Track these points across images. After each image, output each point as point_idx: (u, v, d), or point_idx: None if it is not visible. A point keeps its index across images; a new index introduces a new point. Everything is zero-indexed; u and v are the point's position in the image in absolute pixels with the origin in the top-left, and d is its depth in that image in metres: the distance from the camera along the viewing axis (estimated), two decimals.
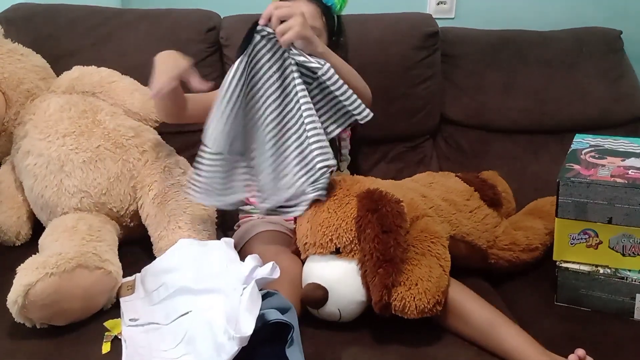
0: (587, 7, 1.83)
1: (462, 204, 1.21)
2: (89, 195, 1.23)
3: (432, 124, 1.63)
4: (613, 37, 1.70)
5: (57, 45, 1.50)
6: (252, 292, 0.82)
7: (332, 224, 1.02)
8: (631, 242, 1.11)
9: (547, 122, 1.63)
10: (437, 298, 0.96)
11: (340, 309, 1.01)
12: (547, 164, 1.57)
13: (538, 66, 1.64)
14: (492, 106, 1.62)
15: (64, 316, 0.99)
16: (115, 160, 1.25)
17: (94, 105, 1.31)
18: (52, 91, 1.35)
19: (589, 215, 1.12)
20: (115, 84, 1.36)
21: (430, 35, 1.59)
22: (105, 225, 1.21)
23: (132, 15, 1.57)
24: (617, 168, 1.15)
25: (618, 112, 1.64)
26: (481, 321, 1.00)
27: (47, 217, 1.27)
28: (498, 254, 1.23)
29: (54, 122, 1.27)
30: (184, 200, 1.19)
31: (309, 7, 1.22)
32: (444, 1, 1.83)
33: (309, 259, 1.07)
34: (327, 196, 1.06)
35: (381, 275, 0.95)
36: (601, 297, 1.14)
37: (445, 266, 1.01)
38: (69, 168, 1.23)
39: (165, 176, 1.24)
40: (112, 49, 1.51)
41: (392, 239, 0.96)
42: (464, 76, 1.64)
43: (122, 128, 1.29)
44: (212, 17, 1.59)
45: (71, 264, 0.98)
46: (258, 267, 0.88)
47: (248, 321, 0.78)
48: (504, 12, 1.83)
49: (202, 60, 1.54)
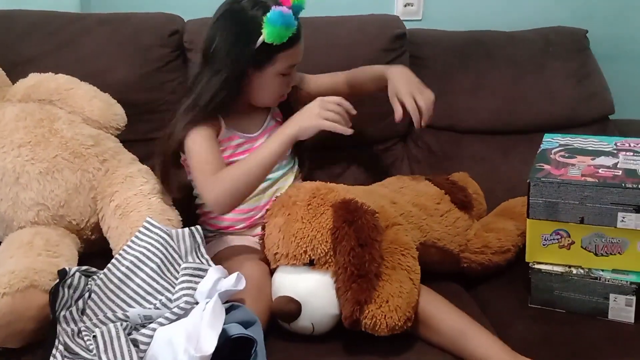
0: (552, 6, 1.84)
1: (432, 208, 1.19)
2: (46, 208, 1.18)
3: (402, 127, 1.61)
4: (579, 36, 1.71)
5: (13, 52, 1.44)
6: (214, 306, 0.79)
7: (306, 235, 0.99)
8: (603, 241, 1.10)
9: (517, 122, 1.62)
10: (407, 315, 0.95)
11: (313, 322, 0.99)
12: (518, 164, 1.56)
13: (506, 66, 1.63)
14: (461, 107, 1.61)
15: (18, 338, 0.95)
16: (74, 170, 1.20)
17: (50, 113, 1.26)
18: (7, 100, 1.30)
19: (560, 216, 1.11)
20: (74, 90, 1.31)
21: (398, 37, 1.58)
22: (64, 239, 1.16)
23: (92, 19, 1.52)
24: (588, 167, 1.15)
25: (586, 111, 1.65)
26: (452, 330, 0.99)
27: (2, 232, 1.21)
28: (470, 257, 1.22)
29: (9, 132, 1.21)
30: (147, 211, 1.14)
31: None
32: (411, 3, 1.82)
33: (280, 270, 1.03)
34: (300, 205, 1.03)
35: (354, 290, 0.93)
36: (575, 298, 1.13)
37: (415, 279, 1.00)
38: (24, 180, 1.18)
39: (127, 186, 1.20)
40: (71, 55, 1.46)
41: (367, 253, 0.94)
42: (432, 78, 1.62)
43: (80, 137, 1.24)
44: (175, 21, 1.55)
45: (24, 282, 0.93)
46: (222, 279, 0.84)
47: (210, 338, 0.75)
48: (471, 13, 1.83)
49: (166, 65, 1.50)
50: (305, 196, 1.04)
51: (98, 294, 0.98)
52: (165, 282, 0.98)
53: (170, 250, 1.02)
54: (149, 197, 1.17)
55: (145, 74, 1.47)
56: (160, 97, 1.48)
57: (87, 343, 0.89)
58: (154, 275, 0.98)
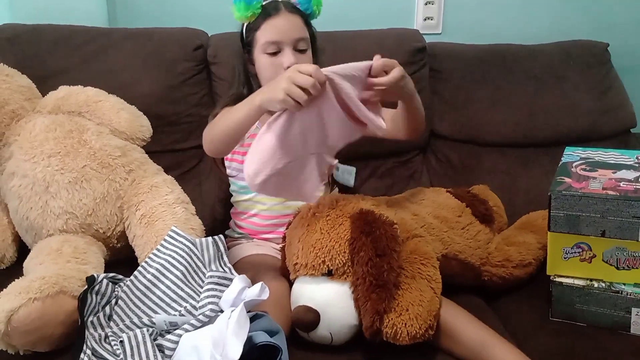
0: (573, 20, 1.84)
1: (453, 220, 1.20)
2: (74, 216, 1.21)
3: (421, 139, 1.62)
4: (600, 49, 1.71)
5: (43, 65, 1.48)
6: (240, 315, 0.80)
7: (324, 245, 1.00)
8: (625, 255, 1.10)
9: (537, 135, 1.62)
10: (428, 323, 0.94)
11: (332, 332, 0.99)
12: (538, 177, 1.56)
13: (526, 79, 1.64)
14: (481, 120, 1.62)
15: (48, 342, 0.97)
16: (102, 180, 1.23)
17: (80, 124, 1.30)
18: (38, 111, 1.33)
19: (581, 229, 1.11)
20: (102, 103, 1.35)
21: (418, 51, 1.59)
22: (91, 247, 1.19)
23: (118, 34, 1.56)
24: (609, 180, 1.15)
25: (607, 124, 1.65)
26: (473, 341, 0.98)
27: (32, 240, 1.24)
28: (491, 270, 1.22)
29: (39, 143, 1.25)
30: (171, 220, 1.17)
31: (295, 19, 1.21)
32: (431, 17, 1.83)
33: (299, 280, 1.05)
34: (320, 216, 1.04)
35: (374, 300, 0.93)
36: (596, 312, 1.12)
37: (437, 288, 0.99)
38: (54, 189, 1.21)
39: (152, 196, 1.22)
40: (98, 68, 1.50)
41: (385, 263, 0.94)
42: (452, 91, 1.64)
43: (108, 147, 1.27)
44: (199, 35, 1.58)
45: (55, 288, 0.95)
46: (246, 288, 0.86)
47: (235, 346, 0.76)
48: (491, 26, 1.84)
49: (190, 78, 1.53)
50: (324, 207, 1.06)
51: (124, 300, 1.00)
52: (190, 289, 1.00)
53: (194, 258, 1.04)
54: (173, 207, 1.20)
55: (170, 87, 1.51)
56: (184, 109, 1.52)
57: (114, 348, 0.91)
58: (178, 282, 1.00)
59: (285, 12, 1.20)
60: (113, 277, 1.05)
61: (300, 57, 1.19)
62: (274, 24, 1.19)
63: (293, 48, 1.19)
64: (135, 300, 1.00)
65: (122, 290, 1.01)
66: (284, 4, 1.21)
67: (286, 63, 1.17)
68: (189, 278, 1.01)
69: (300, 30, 1.21)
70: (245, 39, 1.25)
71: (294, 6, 1.21)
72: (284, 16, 1.20)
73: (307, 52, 1.22)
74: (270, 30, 1.19)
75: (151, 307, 0.99)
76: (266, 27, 1.19)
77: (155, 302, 0.99)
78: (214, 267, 1.05)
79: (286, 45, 1.19)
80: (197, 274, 1.03)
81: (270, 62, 1.20)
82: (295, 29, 1.20)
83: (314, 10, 1.24)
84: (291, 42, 1.19)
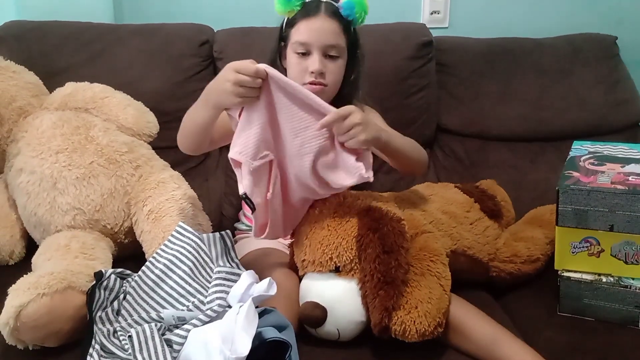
0: (581, 13, 1.82)
1: (462, 216, 1.19)
2: (82, 212, 1.22)
3: (428, 134, 1.61)
4: (608, 43, 1.69)
5: (50, 62, 1.49)
6: (248, 310, 0.80)
7: (332, 242, 1.00)
8: (634, 249, 1.09)
9: (544, 129, 1.62)
10: (437, 320, 0.94)
11: (339, 328, 0.99)
12: (546, 172, 1.55)
13: (534, 73, 1.63)
14: (488, 114, 1.61)
15: (57, 337, 0.97)
16: (109, 176, 1.24)
17: (87, 121, 1.30)
18: (45, 108, 1.34)
19: (589, 223, 1.10)
20: (108, 99, 1.35)
21: (425, 45, 1.59)
22: (99, 243, 1.19)
23: (124, 30, 1.57)
24: (617, 174, 1.14)
25: (616, 118, 1.64)
26: (483, 337, 0.98)
27: (40, 235, 1.25)
28: (499, 266, 1.21)
29: (47, 139, 1.25)
30: (178, 216, 1.17)
31: (331, 25, 1.15)
32: (437, 10, 1.82)
33: (307, 276, 1.05)
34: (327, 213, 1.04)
35: (382, 297, 0.93)
36: (605, 307, 1.12)
37: (446, 285, 0.99)
38: (62, 185, 1.22)
39: (159, 191, 1.23)
40: (104, 64, 1.51)
41: (393, 260, 0.94)
42: (459, 85, 1.63)
43: (115, 144, 1.28)
44: (205, 31, 1.58)
45: (63, 284, 0.96)
46: (254, 283, 0.86)
47: (244, 341, 0.76)
48: (498, 20, 1.83)
49: (197, 74, 1.53)
50: (331, 204, 1.06)
51: (133, 296, 1.01)
52: (198, 284, 1.00)
53: (201, 253, 1.04)
54: (180, 202, 1.20)
55: (177, 83, 1.51)
56: (190, 105, 1.51)
57: (123, 343, 0.92)
58: (186, 277, 1.00)
59: (323, 15, 1.15)
60: (121, 272, 1.05)
61: (328, 64, 1.15)
62: (309, 24, 1.15)
63: (322, 53, 1.15)
64: (143, 295, 1.00)
65: (130, 286, 1.01)
66: (325, 5, 1.15)
67: (311, 68, 1.14)
68: (197, 273, 1.01)
69: (334, 37, 1.15)
70: (283, 33, 1.20)
71: (335, 10, 1.16)
72: (322, 19, 1.15)
73: (338, 60, 1.17)
74: (304, 30, 1.15)
75: (159, 302, 0.99)
76: (301, 26, 1.15)
77: (163, 297, 1.00)
78: (221, 262, 1.05)
79: (315, 49, 1.14)
80: (205, 269, 1.03)
81: (297, 62, 1.16)
82: (329, 34, 1.15)
83: (356, 17, 1.17)
84: (321, 46, 1.14)
